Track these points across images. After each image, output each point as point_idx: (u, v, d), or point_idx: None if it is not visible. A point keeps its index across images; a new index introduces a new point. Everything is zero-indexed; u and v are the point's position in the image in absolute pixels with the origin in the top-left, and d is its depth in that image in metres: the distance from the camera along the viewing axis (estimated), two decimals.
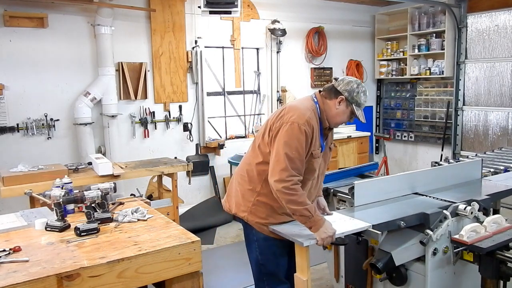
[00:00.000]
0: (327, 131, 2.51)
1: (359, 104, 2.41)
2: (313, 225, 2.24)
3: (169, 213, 4.26)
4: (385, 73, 7.33)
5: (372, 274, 2.78)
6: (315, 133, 2.34)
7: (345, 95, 2.38)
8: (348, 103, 2.40)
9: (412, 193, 2.94)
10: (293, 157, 2.25)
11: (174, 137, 5.69)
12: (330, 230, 2.24)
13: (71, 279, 1.88)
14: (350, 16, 7.10)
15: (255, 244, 2.55)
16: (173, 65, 5.54)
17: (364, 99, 2.43)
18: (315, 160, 2.39)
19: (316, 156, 2.39)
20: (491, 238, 2.43)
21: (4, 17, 4.48)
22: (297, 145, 2.26)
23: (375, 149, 7.75)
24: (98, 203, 2.56)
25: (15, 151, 4.65)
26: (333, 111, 2.42)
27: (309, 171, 2.40)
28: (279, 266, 2.57)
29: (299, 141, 2.26)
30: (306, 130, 2.28)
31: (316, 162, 2.41)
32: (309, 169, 2.38)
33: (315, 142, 2.35)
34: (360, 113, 2.42)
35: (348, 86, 2.40)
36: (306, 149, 2.31)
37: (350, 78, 2.46)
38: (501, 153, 4.39)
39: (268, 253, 2.53)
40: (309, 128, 2.29)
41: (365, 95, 2.43)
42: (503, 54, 5.92)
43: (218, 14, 5.38)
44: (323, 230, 2.23)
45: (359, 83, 2.44)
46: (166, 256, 2.13)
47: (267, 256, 2.54)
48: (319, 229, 2.23)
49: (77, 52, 4.95)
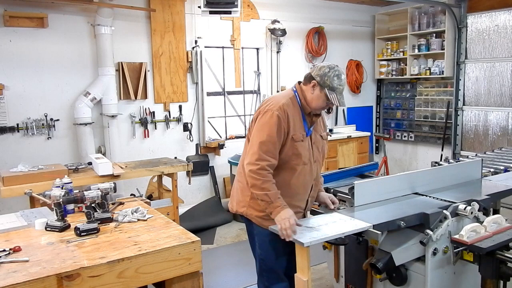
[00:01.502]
0: (312, 117, 2.56)
1: (332, 88, 2.43)
2: (272, 211, 2.34)
3: (169, 213, 4.27)
4: (385, 73, 7.34)
5: (372, 274, 2.78)
6: (292, 118, 2.42)
7: (317, 80, 2.45)
8: (321, 87, 2.44)
9: (412, 193, 2.94)
10: (264, 141, 2.36)
11: (174, 137, 5.69)
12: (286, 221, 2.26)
13: (71, 279, 1.88)
14: (350, 16, 7.10)
15: (256, 239, 2.62)
16: (173, 65, 5.54)
17: (337, 83, 2.43)
18: (297, 144, 2.45)
19: (298, 140, 2.45)
20: (491, 238, 2.43)
21: (4, 17, 4.48)
22: (268, 130, 2.37)
23: (375, 149, 7.75)
24: (98, 203, 2.56)
25: (15, 151, 4.65)
26: (309, 96, 2.49)
27: (294, 155, 2.46)
28: (278, 262, 2.60)
29: (270, 126, 2.37)
30: (279, 115, 2.37)
31: (301, 146, 2.47)
32: (293, 154, 2.45)
33: (293, 125, 2.42)
34: (334, 97, 2.43)
35: (320, 71, 2.45)
36: (281, 133, 2.39)
37: (324, 64, 2.50)
38: (501, 153, 4.39)
39: (267, 248, 2.57)
40: (282, 113, 2.39)
41: (339, 78, 2.43)
42: (503, 54, 5.92)
43: (218, 14, 5.38)
44: (281, 217, 2.29)
45: (332, 67, 2.45)
46: (166, 256, 2.13)
47: (266, 251, 2.58)
48: (276, 216, 2.31)
49: (77, 52, 4.95)
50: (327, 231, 2.30)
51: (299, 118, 2.49)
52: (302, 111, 2.52)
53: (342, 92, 2.47)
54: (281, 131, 2.39)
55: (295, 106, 2.50)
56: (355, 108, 7.43)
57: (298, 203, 2.58)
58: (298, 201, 2.57)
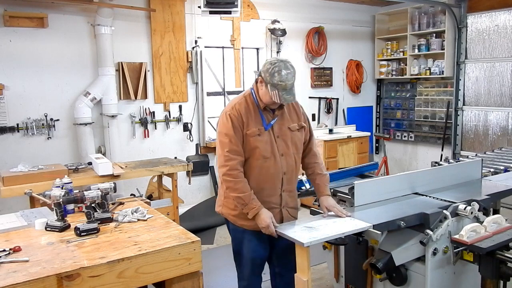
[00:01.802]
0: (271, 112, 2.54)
1: (273, 84, 2.38)
2: (249, 212, 2.43)
3: (169, 213, 4.27)
4: (385, 73, 7.33)
5: (372, 274, 2.78)
6: (245, 115, 2.48)
7: (262, 76, 2.46)
8: (266, 83, 2.43)
9: (412, 193, 2.94)
10: (224, 141, 2.47)
11: (174, 137, 5.68)
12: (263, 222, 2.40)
13: (71, 279, 1.88)
14: (350, 16, 7.10)
15: (231, 234, 2.75)
16: (173, 65, 5.54)
17: (278, 79, 2.37)
18: (254, 139, 2.48)
19: (253, 135, 2.48)
20: (491, 238, 2.43)
21: (4, 17, 4.48)
22: (226, 130, 2.47)
23: (375, 149, 7.75)
24: (98, 203, 2.56)
25: (15, 151, 4.65)
26: (260, 91, 2.51)
27: (252, 150, 2.49)
28: (243, 258, 2.67)
29: (226, 126, 2.47)
30: (231, 115, 2.47)
31: (257, 141, 2.48)
32: (251, 149, 2.49)
33: (247, 122, 2.48)
34: (275, 93, 2.38)
35: (264, 67, 2.45)
36: (238, 130, 2.46)
37: (272, 59, 2.48)
38: (501, 153, 4.39)
39: (236, 243, 2.70)
40: (234, 112, 2.48)
41: (279, 74, 2.36)
42: (503, 54, 5.92)
43: (218, 14, 5.37)
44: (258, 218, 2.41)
45: (274, 63, 2.41)
46: (166, 256, 2.13)
47: (236, 246, 2.72)
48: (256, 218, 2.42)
49: (77, 52, 4.95)
50: (327, 231, 2.30)
51: (255, 114, 2.51)
52: (259, 107, 2.53)
53: (286, 88, 2.38)
54: (237, 129, 2.46)
55: (250, 103, 2.53)
56: (355, 108, 7.43)
57: (269, 199, 2.55)
58: (268, 196, 2.55)
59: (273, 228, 2.39)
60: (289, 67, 2.42)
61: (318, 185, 2.68)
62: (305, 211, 5.59)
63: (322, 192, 2.65)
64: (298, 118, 2.67)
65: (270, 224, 2.39)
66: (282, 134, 2.57)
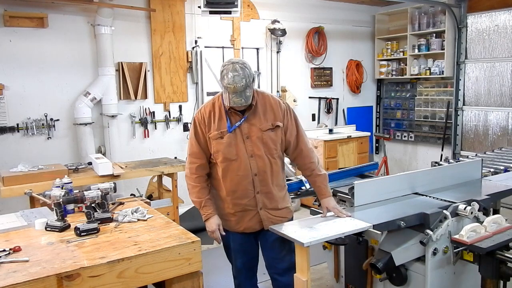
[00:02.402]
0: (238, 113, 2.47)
1: (225, 86, 2.33)
2: (202, 216, 2.58)
3: (169, 213, 4.27)
4: (385, 73, 7.33)
5: (372, 274, 2.78)
6: (209, 118, 2.51)
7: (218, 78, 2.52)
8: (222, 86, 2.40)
9: (412, 193, 2.94)
10: (189, 144, 2.58)
11: (174, 137, 5.69)
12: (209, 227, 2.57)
13: (71, 279, 1.88)
14: (350, 16, 7.10)
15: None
16: (173, 65, 5.54)
17: (226, 82, 2.30)
18: (216, 142, 2.49)
19: (215, 138, 2.49)
20: (491, 238, 2.43)
21: (4, 17, 4.48)
22: (190, 134, 2.59)
23: (375, 149, 7.75)
24: (98, 203, 2.56)
25: (15, 151, 4.65)
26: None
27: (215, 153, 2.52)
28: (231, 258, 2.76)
29: (191, 130, 2.60)
30: (195, 118, 2.56)
31: (220, 144, 2.48)
32: (214, 152, 2.52)
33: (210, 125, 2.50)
34: (226, 96, 2.33)
35: (220, 68, 2.41)
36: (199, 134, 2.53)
37: (225, 61, 2.42)
38: (501, 153, 4.39)
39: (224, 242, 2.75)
40: (199, 116, 2.54)
41: (227, 76, 2.29)
42: (503, 54, 5.92)
43: (218, 14, 5.37)
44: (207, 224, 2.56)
45: (225, 64, 2.35)
46: (166, 256, 2.13)
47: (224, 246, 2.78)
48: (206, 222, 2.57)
49: (77, 52, 4.95)
50: (327, 231, 2.30)
51: (219, 117, 2.49)
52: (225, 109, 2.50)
53: (236, 91, 2.30)
54: (198, 133, 2.53)
55: (217, 106, 2.52)
56: (355, 108, 7.43)
57: (241, 201, 2.52)
58: (240, 198, 2.52)
59: (218, 234, 2.55)
60: (238, 69, 2.30)
61: (318, 187, 2.60)
62: (305, 211, 5.59)
63: (324, 194, 2.58)
64: (274, 118, 2.51)
65: (216, 230, 2.54)
66: (252, 134, 2.48)
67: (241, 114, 2.49)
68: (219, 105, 2.52)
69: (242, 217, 2.57)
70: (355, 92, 7.34)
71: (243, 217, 2.57)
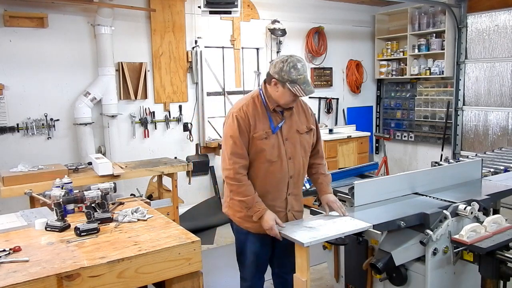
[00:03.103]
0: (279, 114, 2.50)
1: (292, 80, 2.36)
2: (254, 214, 2.42)
3: (169, 213, 4.27)
4: (385, 73, 7.33)
5: (372, 274, 2.78)
6: (253, 117, 2.44)
7: (276, 78, 2.41)
8: (282, 83, 2.39)
9: (412, 193, 2.94)
10: (229, 143, 2.42)
11: (174, 137, 5.68)
12: (266, 224, 2.38)
13: (71, 279, 1.88)
14: (350, 16, 7.10)
15: (234, 235, 2.73)
16: (173, 65, 5.54)
17: (295, 74, 2.34)
18: (261, 142, 2.44)
19: (261, 138, 2.44)
20: (491, 238, 2.43)
21: (4, 17, 4.47)
22: (231, 132, 2.42)
23: (375, 149, 7.75)
24: (98, 203, 2.56)
25: (15, 151, 4.65)
26: (275, 94, 2.46)
27: (258, 153, 2.45)
28: (246, 259, 2.66)
29: (232, 128, 2.42)
30: (237, 116, 2.42)
31: (264, 144, 2.44)
32: (256, 152, 2.45)
33: (254, 124, 2.43)
34: (298, 89, 2.36)
35: (276, 68, 2.40)
36: (244, 133, 2.41)
37: (279, 58, 2.44)
38: (501, 153, 4.39)
39: (239, 244, 2.68)
40: (241, 114, 2.43)
41: (296, 69, 2.35)
42: (503, 54, 5.92)
43: (218, 14, 5.37)
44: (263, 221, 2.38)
45: (285, 60, 2.38)
46: (166, 256, 2.13)
47: (239, 247, 2.70)
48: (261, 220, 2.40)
49: (77, 52, 4.95)
50: (327, 231, 2.30)
51: (263, 116, 2.47)
52: (267, 109, 2.49)
53: (305, 81, 2.37)
54: (243, 132, 2.42)
55: (259, 105, 2.49)
56: (355, 108, 7.43)
57: (274, 202, 2.53)
58: (272, 200, 2.53)
59: (276, 230, 2.36)
60: (300, 59, 2.41)
61: (321, 184, 2.66)
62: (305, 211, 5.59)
63: (325, 191, 2.63)
64: (307, 120, 2.61)
65: (274, 226, 2.37)
66: (291, 137, 2.52)
67: (281, 115, 2.51)
68: (259, 103, 2.49)
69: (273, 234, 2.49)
70: (355, 92, 7.34)
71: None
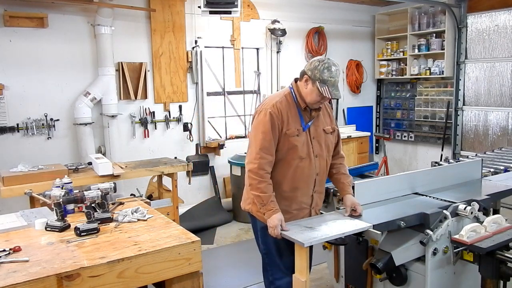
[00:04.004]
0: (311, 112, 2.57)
1: (323, 80, 2.42)
2: (265, 212, 2.44)
3: (169, 213, 4.27)
4: (385, 73, 7.33)
5: (372, 274, 2.78)
6: (285, 114, 2.48)
7: (308, 74, 2.47)
8: (313, 81, 2.45)
9: (412, 193, 2.94)
10: (260, 139, 2.44)
11: (174, 137, 5.69)
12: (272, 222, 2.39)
13: (71, 279, 1.88)
14: (350, 16, 7.10)
15: (258, 234, 2.68)
16: (173, 65, 5.54)
17: (328, 75, 2.41)
18: (292, 139, 2.49)
19: (293, 135, 2.50)
20: (491, 238, 2.43)
21: (4, 17, 4.47)
22: (262, 127, 2.45)
23: (375, 149, 7.75)
24: (98, 203, 2.56)
25: (15, 151, 4.65)
26: (304, 91, 2.51)
27: (290, 150, 2.50)
28: (280, 256, 2.64)
29: (264, 124, 2.45)
30: (271, 112, 2.45)
31: (296, 141, 2.50)
32: (289, 148, 2.50)
33: (287, 121, 2.48)
34: (325, 89, 2.42)
35: (311, 65, 2.47)
36: (276, 129, 2.45)
37: (315, 58, 2.52)
38: (501, 153, 4.39)
39: (269, 242, 2.62)
40: (275, 110, 2.46)
41: (329, 70, 2.42)
42: (503, 54, 5.92)
43: (218, 14, 5.37)
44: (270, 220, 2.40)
45: (322, 60, 2.46)
46: (166, 256, 2.13)
47: (268, 245, 2.64)
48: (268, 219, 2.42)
49: (77, 52, 4.95)
50: (327, 231, 2.31)
51: (294, 114, 2.53)
52: (298, 107, 2.55)
53: (334, 84, 2.44)
54: (275, 128, 2.46)
55: (291, 103, 2.55)
56: (355, 108, 7.43)
57: (301, 198, 2.59)
58: (301, 196, 2.59)
59: (279, 231, 2.38)
60: (336, 64, 2.48)
61: (343, 184, 2.70)
62: None
63: (347, 191, 2.66)
64: (331, 121, 2.71)
65: (278, 226, 2.39)
66: (317, 135, 2.60)
67: (310, 114, 2.57)
68: (291, 100, 2.55)
69: (297, 215, 2.58)
70: (355, 92, 7.34)
71: (297, 215, 2.59)
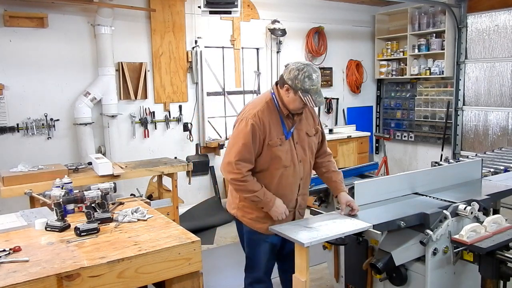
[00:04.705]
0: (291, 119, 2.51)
1: (305, 90, 2.34)
2: (265, 206, 2.46)
3: (169, 213, 4.26)
4: (385, 73, 7.34)
5: (372, 274, 2.78)
6: (267, 123, 2.42)
7: (289, 84, 2.39)
8: (294, 90, 2.37)
9: (412, 193, 2.94)
10: (239, 147, 2.39)
11: (174, 137, 5.69)
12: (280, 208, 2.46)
13: (71, 279, 1.88)
14: (350, 16, 7.10)
15: (244, 237, 2.69)
16: (173, 65, 5.54)
17: (309, 84, 2.33)
18: (276, 149, 2.45)
19: (275, 145, 2.44)
20: (491, 238, 2.43)
21: (4, 17, 4.47)
22: (243, 138, 2.39)
23: (375, 149, 7.75)
24: (98, 203, 2.56)
25: (15, 151, 4.65)
26: (285, 99, 2.45)
27: (273, 160, 2.46)
28: (261, 262, 2.65)
29: (245, 134, 2.39)
30: (253, 123, 2.39)
31: (279, 150, 2.46)
32: (271, 158, 2.46)
33: (269, 131, 2.42)
34: (309, 99, 2.35)
35: (291, 74, 2.37)
36: (256, 141, 2.40)
37: (294, 65, 2.40)
38: (501, 153, 4.39)
39: (253, 246, 2.65)
40: (257, 120, 2.40)
41: (310, 79, 2.33)
42: (503, 54, 5.92)
43: (218, 14, 5.37)
44: (274, 209, 2.45)
45: (302, 69, 2.34)
46: (166, 256, 2.13)
47: (252, 249, 2.66)
48: (271, 209, 2.46)
49: (77, 52, 4.95)
50: (327, 231, 2.30)
51: (276, 122, 2.46)
52: (280, 114, 2.48)
53: (317, 92, 2.36)
54: (256, 139, 2.41)
55: (272, 110, 2.47)
56: (355, 108, 7.43)
57: (286, 204, 2.57)
58: (286, 202, 2.57)
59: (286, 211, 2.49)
60: (316, 69, 2.39)
61: (335, 182, 2.67)
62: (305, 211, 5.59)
63: (340, 189, 2.64)
64: (314, 122, 2.65)
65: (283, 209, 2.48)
66: (301, 140, 2.55)
67: (292, 119, 2.51)
68: (273, 107, 2.47)
69: (281, 220, 2.54)
70: (355, 92, 7.34)
71: (282, 220, 2.54)
